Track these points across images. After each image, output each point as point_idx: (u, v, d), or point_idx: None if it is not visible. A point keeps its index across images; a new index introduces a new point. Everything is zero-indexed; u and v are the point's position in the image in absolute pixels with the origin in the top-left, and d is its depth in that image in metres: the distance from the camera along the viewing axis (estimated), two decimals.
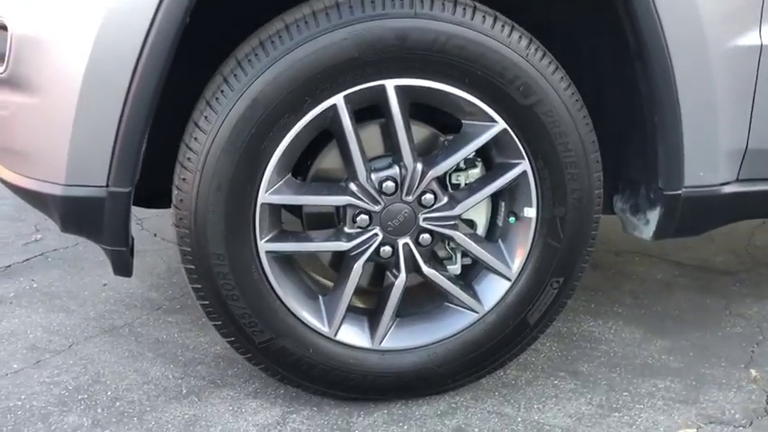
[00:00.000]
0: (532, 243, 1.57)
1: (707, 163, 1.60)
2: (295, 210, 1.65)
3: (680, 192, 1.60)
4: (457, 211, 1.53)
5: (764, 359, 1.87)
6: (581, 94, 1.54)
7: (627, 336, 1.98)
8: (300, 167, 1.54)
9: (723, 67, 1.52)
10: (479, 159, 1.59)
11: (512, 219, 1.58)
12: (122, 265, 1.50)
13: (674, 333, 2.00)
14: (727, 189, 1.65)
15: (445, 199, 1.53)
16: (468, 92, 1.44)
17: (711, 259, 2.56)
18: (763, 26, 1.51)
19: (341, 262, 1.56)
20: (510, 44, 1.42)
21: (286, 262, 1.55)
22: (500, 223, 1.62)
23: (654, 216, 1.66)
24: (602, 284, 2.32)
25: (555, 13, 1.70)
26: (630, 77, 1.55)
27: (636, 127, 1.61)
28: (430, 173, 1.49)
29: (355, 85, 1.40)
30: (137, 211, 1.49)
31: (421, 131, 1.56)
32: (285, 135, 1.41)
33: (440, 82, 1.43)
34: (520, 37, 1.44)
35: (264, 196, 1.44)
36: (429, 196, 1.51)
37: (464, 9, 1.40)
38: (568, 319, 2.06)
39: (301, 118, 1.40)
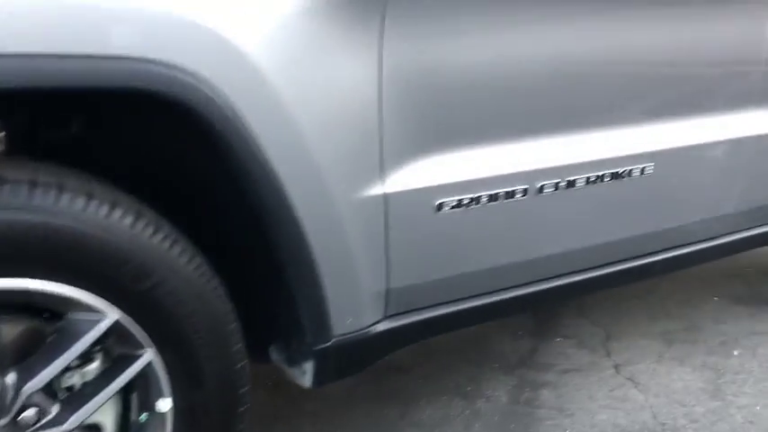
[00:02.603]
0: None
1: (353, 310, 1.56)
2: None
3: (329, 344, 1.53)
4: (70, 424, 1.24)
5: None
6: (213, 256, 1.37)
7: None
8: None
9: (354, 217, 1.47)
10: (98, 349, 1.33)
11: (143, 416, 1.35)
12: None
13: None
14: (379, 327, 1.64)
15: (54, 411, 1.24)
16: (63, 284, 1.19)
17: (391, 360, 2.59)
18: (386, 179, 1.50)
19: None
20: (111, 225, 1.20)
21: None
22: (134, 417, 1.38)
23: (309, 367, 1.57)
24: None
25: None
26: (264, 243, 1.42)
27: (279, 289, 1.50)
28: (26, 387, 1.20)
29: None
30: None
31: (14, 328, 1.25)
32: None
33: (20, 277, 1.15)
34: (122, 215, 1.22)
35: None
36: (30, 413, 1.21)
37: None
38: None
39: None
